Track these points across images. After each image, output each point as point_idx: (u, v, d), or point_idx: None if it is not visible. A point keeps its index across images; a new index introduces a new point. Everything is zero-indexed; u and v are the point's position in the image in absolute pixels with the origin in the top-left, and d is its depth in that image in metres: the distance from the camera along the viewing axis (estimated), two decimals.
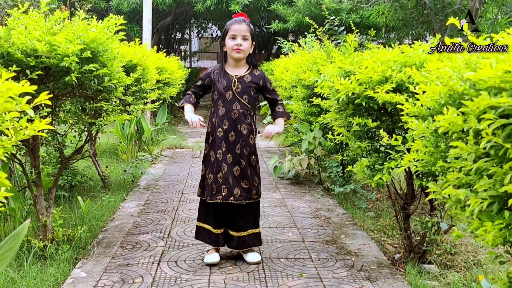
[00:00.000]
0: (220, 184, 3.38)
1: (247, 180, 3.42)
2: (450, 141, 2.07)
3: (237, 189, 3.37)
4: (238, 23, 3.39)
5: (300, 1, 12.75)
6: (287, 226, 4.43)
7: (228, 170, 3.37)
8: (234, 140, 3.40)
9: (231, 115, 3.39)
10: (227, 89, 3.41)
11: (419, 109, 2.25)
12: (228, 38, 3.41)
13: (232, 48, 3.39)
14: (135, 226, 4.36)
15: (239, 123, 3.40)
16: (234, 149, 3.39)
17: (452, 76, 1.80)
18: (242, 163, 3.41)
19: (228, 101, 3.40)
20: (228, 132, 3.39)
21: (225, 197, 3.36)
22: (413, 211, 3.80)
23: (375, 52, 3.49)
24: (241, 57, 3.42)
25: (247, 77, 3.47)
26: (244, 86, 3.43)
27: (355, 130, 3.39)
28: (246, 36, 3.38)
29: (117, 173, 6.39)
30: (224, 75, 3.45)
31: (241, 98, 3.42)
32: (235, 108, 3.39)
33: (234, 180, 3.38)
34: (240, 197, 3.38)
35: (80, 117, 3.73)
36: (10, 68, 2.83)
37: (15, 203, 3.81)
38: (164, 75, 8.44)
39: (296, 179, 6.39)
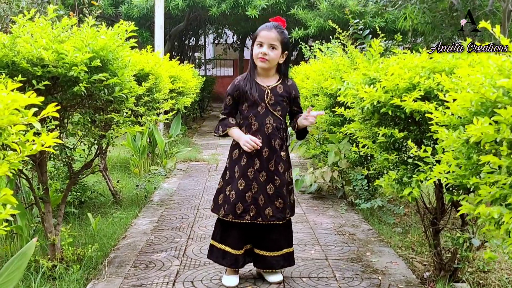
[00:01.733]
0: (248, 204, 3.28)
1: (282, 199, 3.33)
2: (482, 152, 2.06)
3: (269, 209, 3.29)
4: (267, 29, 3.26)
5: (322, 4, 12.74)
6: (309, 243, 4.41)
7: (260, 190, 3.29)
8: (267, 157, 3.31)
9: (265, 130, 3.30)
10: (260, 101, 3.31)
11: (449, 118, 2.23)
12: (255, 45, 3.30)
13: (256, 56, 3.28)
14: (149, 244, 4.38)
15: (273, 138, 3.32)
16: (268, 166, 3.31)
17: (484, 83, 1.79)
18: (276, 181, 3.32)
19: (261, 115, 3.31)
20: (261, 149, 3.29)
21: (253, 218, 3.29)
22: (443, 227, 3.77)
23: (402, 58, 3.48)
24: (264, 67, 3.30)
25: (280, 87, 3.38)
26: (277, 98, 3.34)
27: (381, 141, 3.37)
28: (274, 44, 3.25)
29: (129, 188, 6.43)
30: (256, 85, 3.33)
31: (275, 111, 3.33)
32: (268, 122, 3.30)
33: (267, 199, 3.30)
34: (272, 218, 3.30)
35: (90, 129, 3.76)
36: (15, 78, 2.88)
37: (22, 221, 3.85)
38: (177, 84, 8.50)
39: (318, 193, 6.37)
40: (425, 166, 2.87)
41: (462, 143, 2.07)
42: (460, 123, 2.16)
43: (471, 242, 3.45)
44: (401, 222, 5.09)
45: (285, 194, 3.35)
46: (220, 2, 14.27)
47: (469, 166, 2.11)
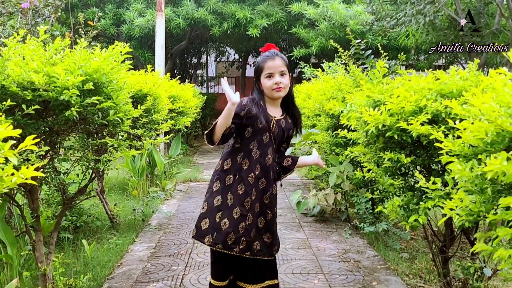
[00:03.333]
0: (241, 235, 3.05)
1: (271, 234, 3.14)
2: (497, 185, 1.92)
3: (257, 243, 3.08)
4: (271, 59, 3.10)
5: (323, 24, 12.66)
6: (312, 271, 4.25)
7: (253, 222, 3.08)
8: (263, 189, 3.10)
9: (265, 160, 3.10)
10: (266, 129, 3.11)
11: (460, 147, 2.09)
12: (264, 78, 3.11)
13: (271, 88, 3.08)
14: (145, 273, 4.22)
15: (271, 170, 3.13)
16: (262, 198, 3.10)
17: (500, 112, 1.65)
18: (268, 215, 3.12)
19: (265, 144, 3.11)
20: (259, 179, 3.09)
21: (242, 251, 3.05)
22: (452, 255, 3.62)
23: (407, 79, 3.35)
24: (282, 95, 3.13)
25: (283, 122, 3.20)
26: (279, 131, 3.17)
27: (386, 166, 3.23)
28: (283, 71, 3.11)
29: (126, 212, 6.28)
30: (265, 113, 3.13)
31: (275, 143, 3.16)
32: (269, 153, 3.12)
33: (257, 233, 3.08)
34: (259, 252, 3.09)
35: (83, 154, 3.63)
36: (4, 103, 2.75)
37: (12, 250, 3.70)
38: (177, 104, 8.39)
39: (321, 216, 6.22)
40: (432, 193, 2.72)
41: (476, 175, 1.93)
42: (473, 152, 2.02)
43: (483, 272, 3.30)
44: (408, 247, 4.93)
45: (274, 229, 3.16)
46: (221, 22, 14.25)
47: (483, 200, 1.97)
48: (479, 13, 7.06)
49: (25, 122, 3.01)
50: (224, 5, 14.20)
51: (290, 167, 3.30)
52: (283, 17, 13.86)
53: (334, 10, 12.34)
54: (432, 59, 9.63)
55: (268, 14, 13.94)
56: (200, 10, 14.02)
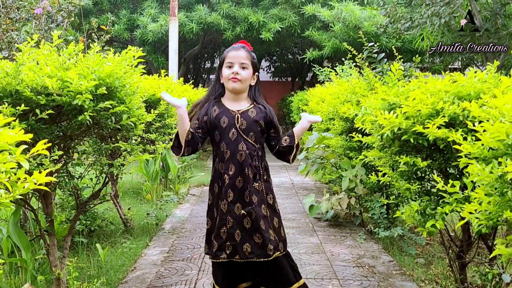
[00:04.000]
0: (224, 240, 3.00)
1: (260, 234, 2.98)
2: None
3: (247, 245, 2.97)
4: (235, 50, 3.09)
5: (336, 26, 12.62)
6: (326, 277, 4.20)
7: (235, 224, 2.98)
8: (242, 187, 3.00)
9: (238, 157, 3.01)
10: (230, 126, 3.04)
11: (479, 150, 2.04)
12: (225, 67, 3.08)
13: (228, 77, 3.05)
14: (158, 277, 4.19)
15: (246, 166, 3.01)
16: (243, 197, 2.99)
17: None
18: (252, 214, 2.98)
19: (233, 141, 3.02)
20: (235, 178, 3.00)
21: (230, 255, 2.98)
22: (470, 261, 3.56)
23: (423, 82, 3.30)
24: (237, 88, 3.05)
25: (252, 111, 3.10)
26: (250, 123, 3.06)
27: (402, 170, 3.18)
28: (245, 64, 3.05)
29: (140, 216, 6.28)
30: (224, 111, 3.08)
31: (247, 137, 3.04)
32: (241, 149, 3.01)
33: (245, 234, 2.98)
34: (251, 255, 2.96)
35: (97, 158, 3.62)
36: (18, 108, 2.74)
37: (26, 254, 3.69)
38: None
39: (335, 221, 6.16)
40: (450, 197, 2.67)
41: (496, 178, 1.88)
42: (493, 155, 1.97)
43: (501, 278, 3.24)
44: (423, 253, 4.87)
45: (263, 228, 2.99)
46: (234, 26, 14.26)
47: (503, 203, 1.92)
48: (496, 14, 6.97)
49: (39, 127, 3.00)
50: (237, 9, 14.21)
51: (291, 143, 3.14)
52: (296, 21, 13.84)
53: (348, 12, 12.29)
54: (447, 62, 9.52)
55: (281, 17, 13.92)
56: (213, 14, 14.05)
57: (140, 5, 15.08)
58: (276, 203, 3.17)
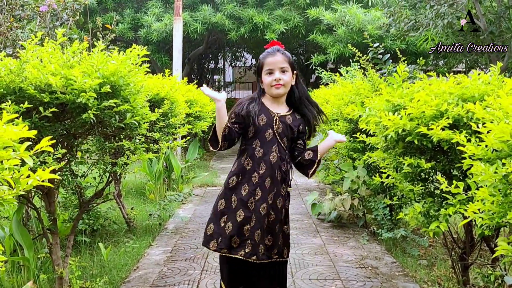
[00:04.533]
0: (246, 238, 2.96)
1: (272, 237, 3.01)
2: None
3: (262, 246, 2.97)
4: (272, 55, 3.04)
5: (340, 29, 12.59)
6: (329, 277, 4.19)
7: (258, 223, 2.96)
8: (269, 188, 2.99)
9: (270, 158, 3.00)
10: (267, 126, 3.02)
11: (484, 151, 2.03)
12: (265, 74, 3.05)
13: (270, 84, 3.02)
14: (161, 277, 4.19)
15: (276, 168, 3.01)
16: (267, 198, 2.98)
17: None
18: (271, 216, 3.00)
19: (268, 142, 3.01)
20: (264, 178, 2.99)
21: (248, 255, 2.95)
22: (472, 262, 3.55)
23: (427, 83, 3.29)
24: (281, 93, 3.05)
25: (289, 118, 3.09)
26: (285, 127, 3.05)
27: (406, 171, 3.17)
28: (284, 67, 3.02)
29: (143, 215, 6.28)
30: (264, 110, 3.06)
31: (281, 140, 3.04)
32: (274, 151, 3.01)
33: (262, 234, 2.98)
34: (263, 256, 2.97)
35: (100, 157, 3.62)
36: (21, 105, 2.75)
37: (29, 252, 3.70)
38: (194, 108, 8.38)
39: (338, 222, 6.15)
40: (453, 199, 2.67)
41: (500, 179, 1.87)
42: (497, 156, 1.97)
43: (503, 280, 3.22)
44: (426, 254, 4.86)
45: (276, 231, 3.02)
46: (239, 26, 14.25)
47: (506, 204, 1.91)
48: (500, 17, 6.96)
49: (42, 125, 3.01)
50: (242, 9, 14.20)
51: (313, 157, 3.15)
52: (300, 22, 13.82)
53: (352, 15, 12.27)
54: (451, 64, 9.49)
55: (286, 19, 13.90)
56: (218, 14, 14.04)
57: (144, 5, 15.08)
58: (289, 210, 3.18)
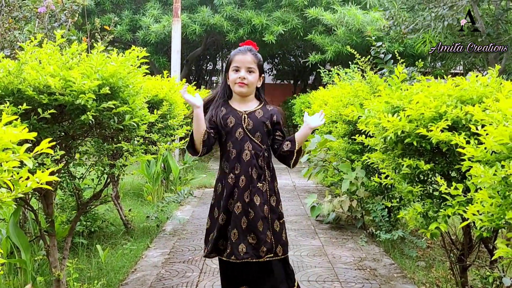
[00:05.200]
0: (226, 239, 3.04)
1: (255, 235, 2.99)
2: None
3: (242, 245, 2.97)
4: (242, 53, 3.07)
5: (340, 30, 12.60)
6: (328, 279, 4.19)
7: (233, 222, 3.00)
8: (244, 186, 3.01)
9: (243, 157, 3.03)
10: (237, 126, 3.05)
11: (483, 153, 2.04)
12: (231, 70, 3.09)
13: (234, 81, 3.06)
14: (159, 279, 4.19)
15: (250, 166, 3.03)
16: (243, 196, 3.00)
17: None
18: (250, 214, 2.99)
19: (239, 141, 3.04)
20: (239, 177, 3.02)
21: (228, 255, 3.00)
22: (470, 264, 3.55)
23: (426, 85, 3.30)
24: (244, 92, 3.07)
25: (259, 112, 3.11)
26: (256, 123, 3.07)
27: (405, 172, 3.17)
28: (251, 68, 3.05)
29: (141, 217, 6.27)
30: (231, 111, 3.10)
31: (253, 136, 3.05)
32: (247, 149, 3.03)
33: (241, 234, 2.99)
34: (245, 255, 2.96)
35: (99, 158, 3.61)
36: (20, 107, 2.74)
37: (26, 255, 3.69)
38: None
39: (336, 223, 6.16)
40: (453, 200, 2.67)
41: (499, 181, 1.88)
42: (496, 158, 1.97)
43: (502, 281, 3.23)
44: (424, 256, 4.86)
45: (259, 229, 2.99)
46: (237, 28, 14.26)
47: (505, 206, 1.92)
48: (497, 20, 6.97)
49: (41, 126, 3.00)
50: (240, 11, 14.21)
51: (291, 148, 3.13)
52: (299, 24, 13.83)
53: (351, 16, 12.28)
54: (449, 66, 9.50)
55: (284, 20, 13.91)
56: (216, 16, 14.04)
57: (142, 6, 15.09)
58: (280, 206, 3.17)
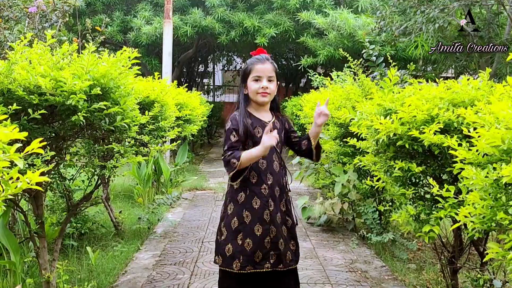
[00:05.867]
0: (268, 250, 2.93)
1: (294, 240, 3.07)
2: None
3: (288, 253, 2.99)
4: (261, 63, 3.03)
5: (331, 34, 12.62)
6: (319, 281, 4.19)
7: (278, 233, 2.96)
8: (279, 196, 3.01)
9: (274, 168, 3.01)
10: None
11: (475, 156, 2.04)
12: (251, 80, 3.02)
13: (256, 91, 3.00)
14: (149, 281, 4.17)
15: (281, 176, 3.04)
16: (280, 206, 3.01)
17: None
18: (288, 222, 3.04)
19: (269, 153, 2.92)
20: (273, 188, 2.99)
21: (274, 265, 2.94)
22: (461, 266, 3.56)
23: (418, 88, 3.31)
24: (266, 101, 3.04)
25: (276, 122, 3.11)
26: (278, 133, 2.99)
27: (397, 175, 3.18)
28: (271, 77, 3.02)
29: (131, 219, 6.24)
30: (256, 120, 3.03)
31: (277, 148, 3.04)
32: (275, 159, 3.03)
33: (285, 242, 2.99)
34: (291, 262, 3.00)
35: (89, 160, 3.59)
36: (10, 107, 2.72)
37: (15, 256, 3.66)
38: (184, 111, 8.34)
39: (328, 226, 6.16)
40: (444, 203, 2.68)
41: (490, 183, 1.88)
42: (487, 161, 1.98)
43: (492, 284, 3.24)
44: (415, 258, 4.87)
45: (296, 234, 3.09)
46: (229, 30, 14.24)
47: (496, 208, 1.92)
48: (489, 24, 7.01)
49: (31, 127, 2.98)
50: (232, 13, 14.20)
51: (309, 145, 3.13)
52: (291, 26, 13.84)
53: (343, 20, 12.29)
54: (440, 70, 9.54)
55: (276, 23, 13.92)
56: (208, 18, 14.03)
57: (134, 7, 15.05)
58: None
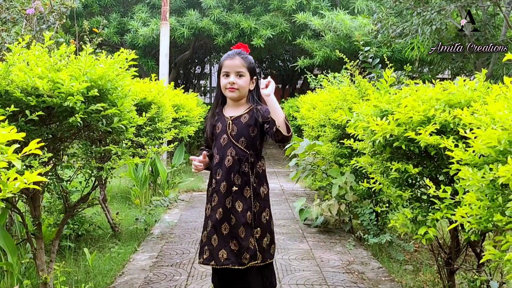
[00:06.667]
0: (204, 244, 3.05)
1: (237, 241, 2.98)
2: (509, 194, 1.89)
3: (223, 251, 2.96)
4: (230, 58, 3.06)
5: (328, 35, 12.65)
6: (316, 283, 4.20)
7: (213, 228, 3.01)
8: (225, 192, 3.02)
9: (225, 163, 3.04)
10: (222, 132, 3.08)
11: (471, 156, 2.05)
12: (222, 76, 3.09)
13: (224, 87, 3.07)
14: (147, 283, 4.17)
15: (232, 172, 3.02)
16: (225, 202, 3.01)
17: None
18: (232, 220, 3.00)
19: (223, 147, 3.06)
20: (220, 183, 3.03)
21: (206, 260, 3.02)
22: (458, 267, 3.57)
23: (414, 89, 3.32)
24: (235, 96, 3.06)
25: (245, 117, 3.08)
26: (240, 128, 3.05)
27: (393, 176, 3.19)
28: (241, 72, 3.03)
29: (128, 220, 6.24)
30: (221, 117, 3.14)
31: (237, 142, 3.04)
32: (229, 154, 3.03)
33: (221, 240, 2.99)
34: (226, 261, 2.96)
35: (87, 161, 3.59)
36: (7, 109, 2.72)
37: (12, 258, 3.66)
38: (181, 113, 8.34)
39: (325, 227, 6.17)
40: (441, 204, 2.69)
41: (487, 184, 1.89)
42: (484, 161, 1.99)
43: (489, 285, 3.25)
44: (412, 259, 4.88)
45: (241, 235, 2.98)
46: (225, 31, 14.28)
47: (492, 209, 1.93)
48: (485, 25, 7.04)
49: (28, 128, 2.98)
50: (229, 15, 14.24)
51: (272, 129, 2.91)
52: (287, 28, 13.88)
53: (339, 21, 12.33)
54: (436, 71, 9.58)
55: (273, 24, 13.96)
56: (205, 19, 14.06)
57: (130, 9, 15.08)
58: (265, 212, 3.10)
